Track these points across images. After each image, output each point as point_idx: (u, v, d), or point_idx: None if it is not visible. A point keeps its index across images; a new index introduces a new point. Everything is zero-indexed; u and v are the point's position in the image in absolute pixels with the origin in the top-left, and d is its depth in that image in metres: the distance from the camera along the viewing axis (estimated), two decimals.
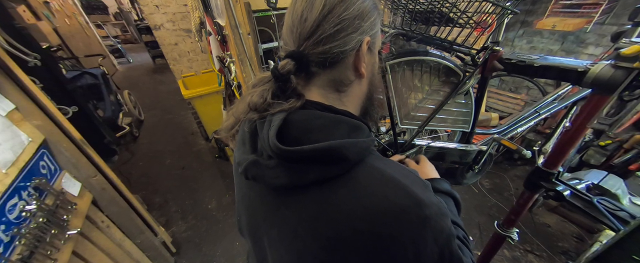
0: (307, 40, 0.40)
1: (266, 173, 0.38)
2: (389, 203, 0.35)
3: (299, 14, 0.41)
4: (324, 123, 0.39)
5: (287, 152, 0.35)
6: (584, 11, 2.04)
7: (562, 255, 1.73)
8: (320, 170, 0.36)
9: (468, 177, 1.18)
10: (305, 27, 0.40)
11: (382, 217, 0.34)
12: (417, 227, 0.34)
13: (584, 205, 0.80)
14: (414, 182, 0.38)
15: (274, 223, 0.43)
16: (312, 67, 0.42)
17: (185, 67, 3.13)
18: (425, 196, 0.36)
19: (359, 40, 0.41)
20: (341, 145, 0.36)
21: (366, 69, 0.44)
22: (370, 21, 0.42)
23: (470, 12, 0.76)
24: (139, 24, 6.23)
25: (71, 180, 1.12)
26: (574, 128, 0.72)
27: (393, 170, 0.38)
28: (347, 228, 0.35)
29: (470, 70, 0.93)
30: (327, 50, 0.40)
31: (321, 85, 0.43)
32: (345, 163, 0.37)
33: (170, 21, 2.85)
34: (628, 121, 1.92)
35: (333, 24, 0.39)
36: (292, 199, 0.40)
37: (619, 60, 0.60)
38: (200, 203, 2.25)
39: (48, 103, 1.06)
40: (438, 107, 0.97)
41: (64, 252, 0.95)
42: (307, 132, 0.38)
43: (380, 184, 0.36)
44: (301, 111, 0.40)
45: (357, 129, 0.41)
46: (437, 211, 0.36)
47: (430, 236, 0.35)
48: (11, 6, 3.10)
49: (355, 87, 0.46)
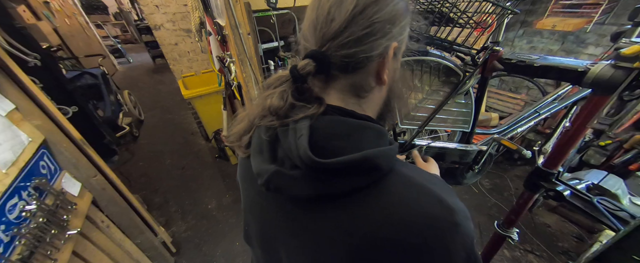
0: (331, 40, 0.37)
1: (290, 184, 0.36)
2: (421, 212, 0.34)
3: (326, 11, 0.37)
4: (349, 130, 0.37)
5: (322, 164, 0.33)
6: (584, 11, 2.04)
7: (562, 255, 1.73)
8: (351, 181, 0.35)
9: (468, 177, 1.18)
10: (331, 27, 0.37)
11: (415, 226, 0.33)
12: (449, 233, 0.33)
13: (584, 205, 0.80)
14: (442, 188, 0.37)
15: (294, 233, 0.41)
16: (333, 70, 0.39)
17: (185, 67, 3.13)
18: (454, 202, 0.35)
19: (387, 46, 0.38)
20: (375, 155, 0.34)
21: (388, 76, 0.41)
22: (400, 25, 0.39)
23: (470, 12, 0.77)
24: (139, 24, 6.23)
25: (71, 180, 1.12)
26: (574, 128, 0.72)
27: (421, 177, 0.37)
28: (379, 239, 0.34)
29: (470, 70, 0.93)
30: (351, 54, 0.37)
31: (341, 89, 0.41)
32: (377, 172, 0.35)
33: (170, 21, 2.85)
34: (628, 121, 1.92)
35: (362, 27, 0.36)
36: (317, 208, 0.38)
37: (619, 60, 0.60)
38: (200, 203, 2.25)
39: (48, 103, 1.06)
40: (438, 107, 0.97)
41: (64, 252, 0.95)
42: (332, 139, 0.36)
43: (410, 192, 0.35)
44: (324, 117, 0.38)
45: (383, 135, 0.39)
46: (464, 216, 0.35)
47: (459, 242, 0.34)
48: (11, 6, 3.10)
49: (376, 94, 0.43)
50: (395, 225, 0.33)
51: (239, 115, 0.47)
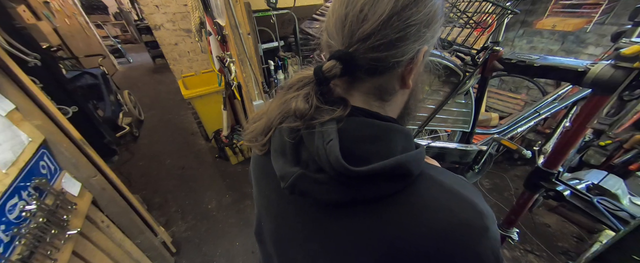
0: (361, 42, 0.34)
1: (315, 188, 0.35)
2: (456, 218, 0.33)
3: (358, 9, 0.33)
4: (376, 132, 0.36)
5: (355, 172, 0.32)
6: (584, 11, 2.04)
7: (562, 255, 1.73)
8: (382, 187, 0.33)
9: (468, 177, 1.18)
10: (363, 28, 0.33)
11: (448, 232, 0.32)
12: (480, 238, 0.33)
13: (584, 205, 0.80)
14: (473, 192, 0.36)
15: (315, 236, 0.40)
16: (359, 73, 0.37)
17: (185, 67, 3.13)
18: (484, 206, 0.35)
19: (418, 50, 0.36)
20: (407, 160, 0.33)
21: (412, 80, 0.39)
22: (433, 29, 0.36)
23: (470, 12, 0.77)
24: (139, 24, 6.23)
25: (71, 180, 1.12)
26: (574, 128, 0.73)
27: (451, 180, 0.36)
28: (410, 244, 0.33)
29: (470, 70, 0.93)
30: (381, 58, 0.34)
31: (365, 92, 0.39)
32: (409, 178, 0.34)
33: (170, 21, 2.85)
34: (628, 121, 1.92)
35: (397, 30, 0.33)
36: (344, 214, 0.36)
37: (619, 60, 0.60)
38: (200, 203, 2.25)
39: (48, 103, 1.06)
40: (438, 107, 0.97)
41: (64, 252, 0.95)
42: (360, 142, 0.35)
43: (442, 198, 0.34)
44: (350, 119, 0.36)
45: (410, 137, 0.38)
46: (492, 219, 0.34)
47: (489, 246, 0.33)
48: (11, 6, 3.10)
49: (399, 97, 0.42)
50: (426, 231, 0.32)
51: (256, 114, 0.46)
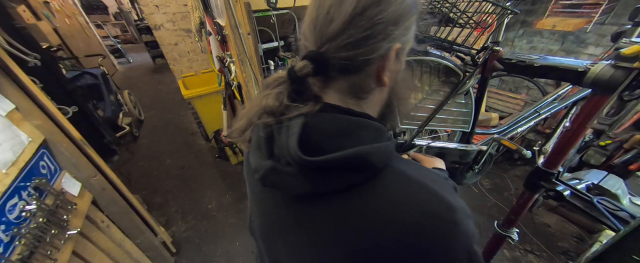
0: (329, 42, 0.36)
1: (286, 181, 0.36)
2: (419, 210, 0.33)
3: (325, 10, 0.35)
4: (346, 127, 0.36)
5: (311, 162, 0.33)
6: (584, 11, 2.04)
7: (562, 255, 1.73)
8: (345, 177, 0.34)
9: (468, 177, 1.18)
10: (330, 28, 0.35)
11: (413, 224, 0.32)
12: (449, 232, 0.33)
13: (584, 205, 0.80)
14: (442, 185, 0.36)
15: (291, 228, 0.41)
16: (332, 72, 0.38)
17: (185, 67, 3.13)
18: (454, 199, 0.34)
19: (388, 48, 0.36)
20: (368, 151, 0.33)
21: (389, 77, 0.40)
22: (404, 26, 0.37)
23: (470, 12, 0.77)
24: (139, 24, 6.23)
25: (71, 180, 1.12)
26: (574, 128, 0.73)
27: (419, 173, 0.37)
28: (376, 237, 0.33)
29: (470, 70, 0.93)
30: (350, 56, 0.36)
31: (339, 90, 0.40)
32: (372, 169, 0.35)
33: (170, 21, 2.85)
34: (628, 121, 1.92)
35: (362, 29, 0.34)
36: (312, 205, 0.37)
37: (619, 60, 0.60)
38: (200, 203, 2.25)
39: (48, 103, 1.06)
40: (438, 107, 0.97)
41: (64, 252, 0.95)
42: (329, 137, 0.36)
43: (410, 190, 0.35)
44: (320, 114, 0.37)
45: (381, 132, 0.38)
46: (465, 214, 0.34)
47: (460, 240, 0.33)
48: (11, 6, 3.10)
49: (376, 95, 0.42)
50: (392, 224, 0.33)
51: (239, 113, 0.47)
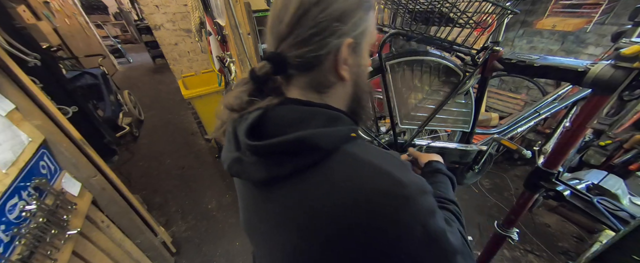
0: (282, 42, 0.39)
1: (248, 169, 0.39)
2: (365, 187, 0.34)
3: (277, 14, 0.39)
4: (300, 116, 0.39)
5: (255, 147, 0.36)
6: (584, 11, 2.04)
7: (562, 255, 1.73)
8: (294, 161, 0.36)
9: (468, 177, 1.18)
10: (281, 29, 0.39)
11: (360, 201, 0.33)
12: (397, 207, 0.33)
13: (584, 205, 0.80)
14: (390, 163, 0.37)
15: (263, 217, 0.43)
16: (290, 70, 0.41)
17: (185, 67, 3.13)
18: (403, 175, 0.35)
19: (337, 44, 0.39)
20: (311, 134, 0.35)
21: (350, 71, 0.42)
22: (352, 22, 0.39)
23: (470, 12, 0.77)
24: (139, 24, 6.23)
25: (71, 180, 1.12)
26: (574, 128, 0.72)
27: (369, 154, 0.37)
28: (324, 215, 0.35)
29: (470, 70, 0.93)
30: (302, 54, 0.39)
31: (300, 86, 0.43)
32: (319, 152, 0.36)
33: (170, 21, 2.86)
34: (628, 121, 1.92)
35: (307, 27, 0.37)
36: (274, 192, 0.40)
37: (619, 60, 0.60)
38: (200, 203, 2.25)
39: (48, 103, 1.06)
40: (438, 107, 0.97)
41: (64, 252, 0.95)
42: (284, 127, 0.38)
43: (355, 169, 0.36)
44: (279, 107, 0.40)
45: (335, 119, 0.40)
46: (418, 190, 0.35)
47: (411, 215, 0.34)
48: (11, 6, 3.10)
49: (338, 89, 0.44)
50: (340, 201, 0.34)
51: (217, 113, 0.50)
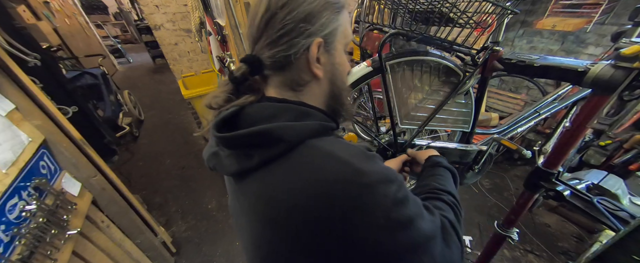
0: (256, 44, 0.43)
1: (223, 162, 0.41)
2: (324, 176, 0.35)
3: (250, 19, 0.43)
4: (272, 112, 0.41)
5: (223, 138, 0.38)
6: (584, 11, 2.04)
7: (562, 255, 1.73)
8: (260, 153, 0.38)
9: (468, 177, 1.18)
10: (253, 32, 0.42)
11: (319, 189, 0.34)
12: (357, 196, 0.34)
13: (584, 205, 0.80)
14: (352, 154, 0.38)
15: (239, 210, 0.45)
16: (266, 70, 0.44)
17: (185, 67, 3.13)
18: (364, 165, 0.36)
19: (306, 43, 0.41)
20: (276, 127, 0.37)
21: (324, 70, 0.45)
22: (320, 22, 0.41)
23: (470, 12, 0.76)
24: (139, 24, 6.22)
25: (71, 180, 1.12)
26: (574, 128, 0.72)
27: (332, 147, 0.38)
28: (287, 205, 0.36)
29: (470, 70, 0.93)
30: (273, 54, 0.41)
31: (276, 85, 0.45)
32: (283, 144, 0.37)
33: (170, 21, 2.85)
34: (628, 121, 1.92)
35: (276, 29, 0.40)
36: (247, 185, 0.41)
37: (619, 60, 0.60)
38: (200, 203, 2.25)
39: (48, 103, 1.06)
40: (438, 107, 0.97)
41: (64, 252, 0.95)
42: (256, 122, 0.39)
43: (317, 160, 0.37)
44: (255, 104, 0.42)
45: (305, 114, 0.42)
46: (379, 179, 0.35)
47: (372, 203, 0.34)
48: (11, 6, 3.10)
49: (314, 87, 0.46)
50: (301, 190, 0.35)
51: (201, 113, 0.52)
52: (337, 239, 0.34)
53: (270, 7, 0.40)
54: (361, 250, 0.35)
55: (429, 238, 0.38)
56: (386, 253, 0.35)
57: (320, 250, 0.35)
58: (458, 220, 0.49)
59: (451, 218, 0.47)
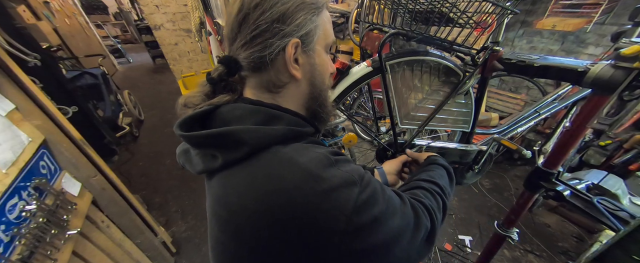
0: (232, 45, 0.42)
1: (192, 160, 0.42)
2: (282, 182, 0.35)
3: (227, 20, 0.43)
4: (243, 113, 0.40)
5: (186, 137, 0.38)
6: (584, 11, 2.04)
7: (562, 255, 1.73)
8: (224, 154, 0.38)
9: (468, 177, 1.18)
10: (228, 33, 0.42)
11: (276, 196, 0.34)
12: (317, 202, 0.34)
13: (584, 205, 0.80)
14: (315, 160, 0.37)
15: (209, 210, 0.45)
16: (243, 71, 0.44)
17: (185, 67, 3.13)
18: (324, 171, 0.36)
19: (281, 44, 0.40)
20: (238, 129, 0.37)
21: (302, 70, 0.44)
22: (295, 23, 0.40)
23: (470, 12, 0.76)
24: (139, 24, 6.22)
25: (71, 180, 1.12)
26: (574, 128, 0.72)
27: (297, 154, 0.38)
28: (242, 210, 0.36)
29: (470, 70, 0.93)
30: (248, 55, 0.41)
31: (253, 86, 0.45)
32: (246, 148, 0.37)
33: (170, 21, 2.86)
34: (628, 121, 1.92)
35: (249, 30, 0.39)
36: (211, 185, 0.42)
37: (619, 60, 0.60)
38: (200, 203, 2.24)
39: (48, 103, 1.06)
40: (438, 107, 0.97)
41: (64, 252, 0.94)
42: (227, 123, 0.39)
43: (277, 167, 0.36)
44: (228, 105, 0.42)
45: (275, 118, 0.41)
46: (338, 182, 0.35)
47: (331, 207, 0.34)
48: (11, 6, 3.09)
49: (292, 89, 0.45)
50: (258, 196, 0.35)
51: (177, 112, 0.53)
52: (297, 246, 0.34)
53: (243, 7, 0.39)
54: (325, 255, 0.34)
55: (400, 232, 0.38)
56: (355, 252, 0.35)
57: (280, 257, 0.35)
58: (438, 205, 0.49)
59: (426, 202, 0.46)
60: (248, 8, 0.39)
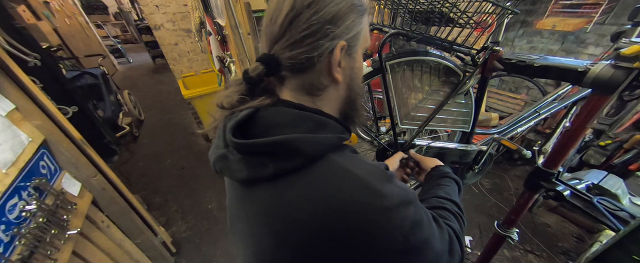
0: (275, 43, 0.40)
1: (232, 167, 0.39)
2: (343, 198, 0.34)
3: (270, 16, 0.40)
4: (289, 119, 0.39)
5: (239, 145, 0.36)
6: (584, 11, 2.04)
7: (562, 255, 1.73)
8: (276, 163, 0.36)
9: (468, 177, 1.18)
10: (274, 30, 0.39)
11: (337, 211, 0.33)
12: (377, 219, 0.33)
13: (584, 205, 0.80)
14: (373, 174, 0.36)
15: (241, 217, 0.43)
16: (283, 71, 0.41)
17: (185, 67, 3.13)
18: (384, 187, 0.35)
19: (330, 46, 0.39)
20: (296, 138, 0.35)
21: (343, 74, 0.43)
22: (345, 25, 0.39)
23: (470, 12, 0.76)
24: (139, 24, 6.22)
25: (71, 180, 1.12)
26: (574, 128, 0.72)
27: (352, 165, 0.37)
28: (299, 223, 0.34)
29: (470, 70, 0.93)
30: (294, 55, 0.39)
31: (293, 88, 0.43)
32: (302, 157, 0.36)
33: (170, 21, 2.85)
34: (628, 121, 1.92)
35: (300, 29, 0.37)
36: (254, 193, 0.39)
37: (619, 60, 0.60)
38: (200, 203, 2.24)
39: (48, 103, 1.06)
40: (438, 107, 0.97)
41: (64, 252, 0.94)
42: (272, 128, 0.38)
43: (336, 178, 0.35)
44: (270, 108, 0.40)
45: (322, 125, 0.40)
46: (398, 200, 0.35)
47: (391, 226, 0.34)
48: (11, 6, 3.10)
49: (331, 92, 0.44)
50: (317, 211, 0.34)
51: (209, 111, 0.50)
52: (350, 260, 0.34)
53: (296, 5, 0.37)
54: None
55: (440, 255, 0.38)
56: None
57: None
58: (461, 229, 0.50)
59: (456, 228, 0.47)
60: (301, 7, 0.37)
